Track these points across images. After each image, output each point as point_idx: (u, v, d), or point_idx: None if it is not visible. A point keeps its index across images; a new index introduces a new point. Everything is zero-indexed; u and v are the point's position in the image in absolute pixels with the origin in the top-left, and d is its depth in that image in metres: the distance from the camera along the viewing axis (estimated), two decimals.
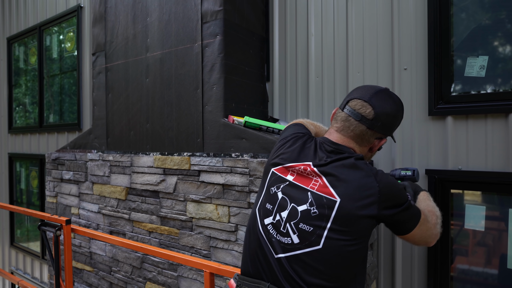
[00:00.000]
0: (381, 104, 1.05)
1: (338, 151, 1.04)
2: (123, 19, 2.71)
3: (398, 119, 1.11)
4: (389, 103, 1.06)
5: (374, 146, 1.11)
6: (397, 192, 1.00)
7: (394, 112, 1.07)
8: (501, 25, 1.85)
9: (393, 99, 1.09)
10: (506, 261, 1.84)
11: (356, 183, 0.97)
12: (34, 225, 5.08)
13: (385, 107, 1.05)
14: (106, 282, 2.78)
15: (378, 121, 1.05)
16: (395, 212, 0.99)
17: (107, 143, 2.85)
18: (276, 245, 0.99)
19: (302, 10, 2.50)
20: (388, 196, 0.97)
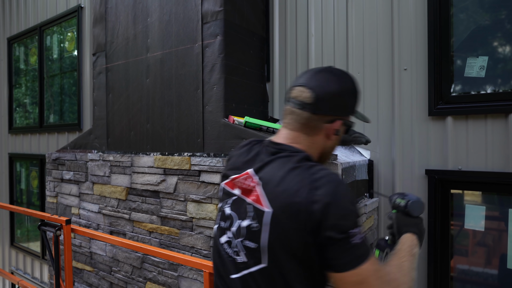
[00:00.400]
0: (321, 84, 0.91)
1: (281, 151, 0.92)
2: (123, 20, 2.71)
3: (347, 95, 0.94)
4: (330, 81, 0.92)
5: (328, 131, 0.93)
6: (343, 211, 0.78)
7: (339, 89, 0.92)
8: (500, 26, 1.85)
9: (336, 75, 0.94)
10: (506, 261, 1.84)
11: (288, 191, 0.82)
12: (34, 225, 5.08)
13: (326, 86, 0.91)
14: (107, 282, 2.78)
15: (321, 103, 0.90)
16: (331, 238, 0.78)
17: (108, 143, 2.85)
18: (231, 265, 0.92)
19: (302, 10, 2.50)
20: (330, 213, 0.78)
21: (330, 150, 0.99)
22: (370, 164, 2.19)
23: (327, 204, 0.77)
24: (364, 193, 2.12)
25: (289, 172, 0.84)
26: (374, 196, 2.16)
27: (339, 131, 0.94)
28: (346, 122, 0.95)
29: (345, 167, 1.77)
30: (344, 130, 0.97)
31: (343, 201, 0.78)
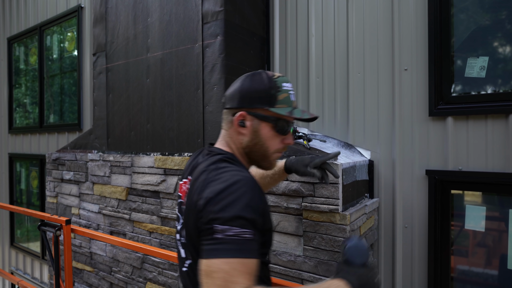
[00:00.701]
0: (232, 84, 1.01)
1: (210, 152, 0.98)
2: (123, 20, 2.71)
3: (248, 87, 0.95)
4: (238, 81, 0.99)
5: (235, 123, 0.96)
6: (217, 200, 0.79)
7: (241, 83, 0.97)
8: (501, 26, 1.85)
9: (247, 75, 0.99)
10: (506, 261, 1.84)
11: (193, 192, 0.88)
12: (34, 225, 5.08)
13: (234, 84, 0.99)
14: (107, 282, 2.78)
15: (227, 98, 0.99)
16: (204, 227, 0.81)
17: (108, 143, 2.85)
18: (180, 260, 1.01)
19: (303, 10, 2.50)
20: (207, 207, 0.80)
21: (251, 147, 0.96)
22: (371, 164, 2.19)
23: (207, 200, 0.80)
24: (364, 193, 2.12)
25: (201, 174, 0.90)
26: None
27: (243, 122, 0.94)
28: (256, 114, 0.94)
29: (345, 168, 1.77)
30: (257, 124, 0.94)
31: (222, 200, 0.78)
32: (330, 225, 1.70)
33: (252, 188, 0.83)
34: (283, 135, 0.98)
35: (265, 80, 0.95)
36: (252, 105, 0.94)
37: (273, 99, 0.94)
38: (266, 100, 0.94)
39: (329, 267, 1.70)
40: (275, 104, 0.94)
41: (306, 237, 1.77)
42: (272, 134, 0.96)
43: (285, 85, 0.97)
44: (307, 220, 1.77)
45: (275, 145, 0.98)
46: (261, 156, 0.99)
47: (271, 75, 0.97)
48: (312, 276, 1.75)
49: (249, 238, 0.76)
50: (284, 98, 0.95)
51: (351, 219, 1.70)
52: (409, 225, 2.08)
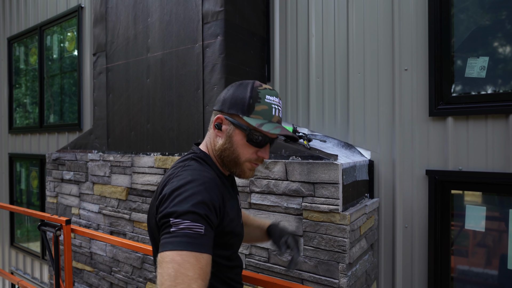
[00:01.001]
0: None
1: (190, 151, 1.04)
2: (124, 20, 2.71)
3: (231, 93, 0.98)
4: (229, 87, 1.02)
5: (212, 124, 1.01)
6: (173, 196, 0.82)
7: (226, 90, 1.01)
8: (501, 26, 1.85)
9: (235, 83, 1.01)
10: (506, 261, 1.84)
11: (161, 182, 0.94)
12: (34, 225, 5.08)
13: (224, 90, 1.03)
14: (107, 282, 2.78)
15: (215, 101, 1.04)
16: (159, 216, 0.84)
17: (108, 143, 2.85)
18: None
19: (303, 10, 2.50)
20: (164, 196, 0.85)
21: (223, 150, 0.98)
22: (371, 164, 2.19)
23: (164, 195, 0.84)
24: (364, 193, 2.12)
25: (169, 170, 0.97)
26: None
27: (220, 125, 0.97)
28: (231, 120, 0.95)
29: (346, 168, 1.77)
30: (231, 129, 0.96)
31: (177, 196, 0.82)
32: (330, 225, 1.70)
33: (209, 187, 0.85)
34: (256, 147, 0.97)
35: (249, 88, 0.96)
36: (229, 110, 0.96)
37: (249, 108, 0.94)
38: (242, 108, 0.94)
39: (329, 267, 1.70)
40: (250, 113, 0.94)
41: (306, 237, 1.77)
42: (244, 143, 0.96)
43: (269, 98, 0.96)
44: (307, 220, 1.76)
45: (247, 155, 0.97)
46: (232, 162, 0.98)
47: (258, 85, 0.97)
48: (312, 276, 1.75)
49: (200, 233, 0.78)
50: (262, 110, 0.94)
51: (351, 219, 1.70)
52: (409, 225, 2.08)
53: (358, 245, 1.83)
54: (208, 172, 0.92)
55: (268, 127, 0.93)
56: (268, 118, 0.95)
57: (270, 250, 1.89)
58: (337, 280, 1.68)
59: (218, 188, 0.89)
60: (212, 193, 0.85)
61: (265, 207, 1.91)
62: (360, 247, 1.86)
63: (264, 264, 1.91)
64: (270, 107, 0.95)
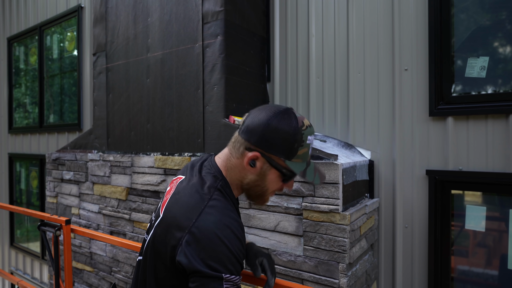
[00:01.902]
0: (258, 113, 0.91)
1: (210, 169, 0.96)
2: (124, 19, 2.71)
3: (273, 132, 0.88)
4: (265, 114, 0.90)
5: (245, 159, 0.92)
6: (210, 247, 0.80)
7: (266, 122, 0.88)
8: (501, 26, 1.85)
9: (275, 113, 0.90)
10: (506, 261, 1.84)
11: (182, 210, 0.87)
12: (34, 225, 5.08)
13: (259, 116, 0.90)
14: (107, 282, 2.77)
15: (247, 128, 0.91)
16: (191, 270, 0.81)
17: (108, 143, 2.85)
18: (141, 248, 1.07)
19: (303, 10, 2.50)
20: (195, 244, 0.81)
21: (252, 185, 0.95)
22: (371, 164, 2.19)
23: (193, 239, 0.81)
24: (364, 193, 2.12)
25: (190, 194, 0.89)
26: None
27: (254, 163, 0.91)
28: (269, 160, 0.90)
29: (346, 168, 1.77)
30: (267, 168, 0.92)
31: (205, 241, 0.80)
32: (330, 225, 1.70)
33: (240, 234, 0.85)
34: (285, 182, 0.97)
35: (293, 128, 0.89)
36: (270, 150, 0.89)
37: (293, 153, 0.89)
38: (286, 152, 0.89)
39: (329, 267, 1.70)
40: (293, 158, 0.90)
41: (306, 237, 1.77)
42: (277, 180, 0.95)
43: (309, 139, 0.92)
44: (307, 220, 1.76)
45: (275, 188, 0.97)
46: (258, 195, 0.97)
47: (301, 123, 0.90)
48: (312, 276, 1.75)
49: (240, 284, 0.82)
50: (303, 153, 0.91)
51: (351, 219, 1.70)
52: (409, 225, 2.08)
53: (358, 245, 1.83)
54: (234, 213, 0.89)
55: (310, 174, 0.95)
56: (306, 160, 0.93)
57: (270, 250, 1.89)
58: (337, 280, 1.68)
59: (243, 230, 0.89)
60: (243, 241, 0.86)
61: (265, 207, 1.91)
62: (360, 247, 1.85)
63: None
64: (309, 148, 0.92)
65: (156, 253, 0.90)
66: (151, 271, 0.92)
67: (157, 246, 0.90)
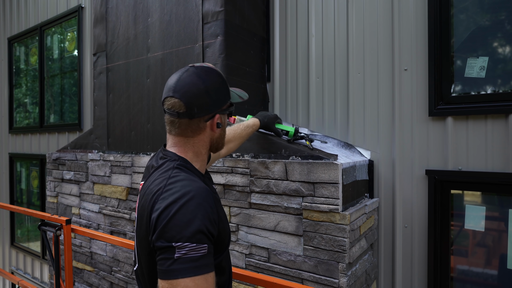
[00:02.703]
0: (188, 89, 0.92)
1: (165, 157, 0.96)
2: (124, 20, 2.71)
3: (215, 91, 0.93)
4: (195, 84, 0.92)
5: (212, 127, 0.97)
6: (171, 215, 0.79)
7: (204, 89, 0.92)
8: (501, 26, 1.86)
9: (198, 75, 0.93)
10: (506, 261, 1.84)
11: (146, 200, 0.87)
12: (35, 225, 5.09)
13: (192, 91, 0.92)
14: (107, 282, 2.78)
15: (193, 109, 0.92)
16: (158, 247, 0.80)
17: (108, 143, 2.85)
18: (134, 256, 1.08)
19: (303, 10, 2.50)
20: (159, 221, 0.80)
21: (220, 139, 1.04)
22: (371, 164, 2.19)
23: (159, 214, 0.80)
24: (364, 193, 2.12)
25: (153, 181, 0.90)
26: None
27: (220, 124, 0.99)
28: (224, 110, 1.00)
29: (345, 167, 1.77)
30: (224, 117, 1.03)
31: (175, 215, 0.79)
32: (330, 225, 1.70)
33: (206, 199, 0.83)
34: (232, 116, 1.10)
35: (219, 74, 0.99)
36: (223, 104, 0.99)
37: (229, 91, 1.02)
38: (228, 95, 1.00)
39: (329, 266, 1.70)
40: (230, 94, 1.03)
41: (306, 237, 1.77)
42: (225, 120, 1.05)
43: None
44: (307, 219, 1.77)
45: (225, 127, 1.07)
46: (222, 143, 1.05)
47: (213, 69, 0.98)
48: (312, 276, 1.75)
49: (204, 253, 0.78)
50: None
51: (351, 219, 1.71)
52: (409, 225, 2.08)
53: (358, 244, 1.83)
54: (197, 182, 0.87)
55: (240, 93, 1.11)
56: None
57: (270, 250, 1.89)
58: (337, 280, 1.68)
59: (212, 195, 0.87)
60: (210, 204, 0.83)
61: (265, 206, 1.91)
62: (360, 247, 1.86)
63: (264, 264, 1.92)
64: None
65: (145, 253, 0.89)
66: (148, 274, 0.92)
67: (143, 243, 0.89)
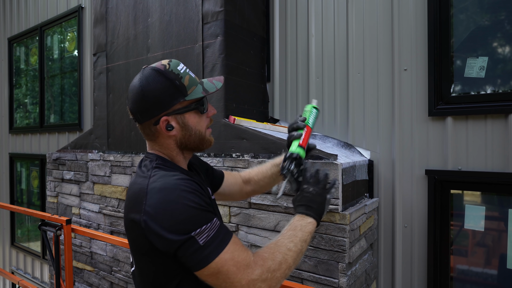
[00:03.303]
0: (130, 96, 0.94)
1: (146, 158, 0.97)
2: (124, 20, 2.72)
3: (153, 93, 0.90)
4: (132, 89, 0.93)
5: (162, 131, 0.93)
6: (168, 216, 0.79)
7: (139, 91, 0.90)
8: (500, 26, 1.86)
9: (137, 79, 0.93)
10: (505, 261, 1.84)
11: (131, 200, 0.87)
12: (35, 225, 5.09)
13: (132, 96, 0.92)
14: (107, 282, 2.78)
15: (136, 114, 0.93)
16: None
17: (108, 143, 2.86)
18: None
19: (303, 10, 2.51)
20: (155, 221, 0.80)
21: (189, 139, 0.95)
22: (370, 164, 2.19)
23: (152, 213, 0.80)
24: (364, 193, 2.12)
25: (134, 184, 0.90)
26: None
27: (170, 125, 0.92)
28: (176, 112, 0.92)
29: (345, 167, 1.78)
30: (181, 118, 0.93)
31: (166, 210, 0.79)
32: (330, 225, 1.71)
33: (189, 185, 0.83)
34: (206, 112, 0.98)
35: (160, 74, 0.90)
36: (168, 105, 0.90)
37: (182, 88, 0.91)
38: (178, 94, 0.91)
39: (329, 266, 1.71)
40: (187, 91, 0.92)
41: None
42: (198, 118, 0.95)
43: (180, 68, 0.93)
44: None
45: (204, 125, 0.98)
46: (198, 142, 0.97)
47: (162, 67, 0.92)
48: (312, 276, 1.75)
49: (219, 225, 0.82)
50: (189, 80, 0.93)
51: (351, 219, 1.71)
52: (409, 225, 2.08)
53: (358, 244, 1.83)
54: (178, 175, 0.87)
55: (209, 86, 0.95)
56: (196, 82, 0.94)
57: None
58: (336, 280, 1.68)
59: (196, 183, 0.87)
60: (195, 188, 0.84)
61: (265, 206, 1.92)
62: (360, 247, 1.86)
63: None
64: (189, 74, 0.94)
65: (139, 254, 0.89)
66: (144, 275, 0.91)
67: (135, 244, 0.89)
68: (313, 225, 0.95)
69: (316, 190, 1.00)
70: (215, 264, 0.78)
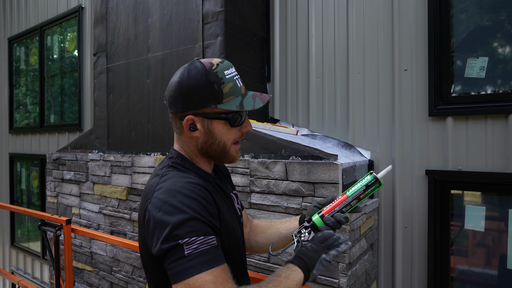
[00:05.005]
0: (170, 83, 0.90)
1: (169, 154, 0.95)
2: (124, 20, 2.72)
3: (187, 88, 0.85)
4: (174, 79, 0.88)
5: (185, 128, 0.88)
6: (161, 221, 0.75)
7: (176, 81, 0.86)
8: (500, 26, 1.86)
9: (182, 68, 0.89)
10: (505, 261, 1.84)
11: (141, 201, 0.87)
12: (35, 225, 5.09)
13: (170, 81, 0.90)
14: (107, 282, 2.78)
15: (169, 102, 0.89)
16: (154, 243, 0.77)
17: (108, 143, 2.85)
18: None
19: (303, 11, 2.51)
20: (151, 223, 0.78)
21: (207, 147, 0.90)
22: (370, 164, 2.19)
23: (152, 214, 0.78)
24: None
25: (148, 182, 0.89)
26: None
27: (194, 126, 0.87)
28: (204, 115, 0.86)
29: (345, 167, 1.77)
30: (208, 123, 0.87)
31: (168, 212, 0.75)
32: None
33: (196, 192, 0.79)
34: (239, 126, 0.90)
35: (202, 74, 0.84)
36: (198, 106, 0.85)
37: (219, 95, 0.84)
38: (212, 98, 0.84)
39: (329, 266, 1.71)
40: (222, 99, 0.85)
41: None
42: (227, 129, 0.88)
43: (228, 73, 0.86)
44: None
45: (232, 138, 0.90)
46: (220, 153, 0.91)
47: (208, 64, 0.86)
48: None
49: (215, 245, 0.75)
50: (230, 89, 0.86)
51: (351, 219, 1.71)
52: (409, 225, 2.08)
53: (358, 245, 1.83)
54: (189, 178, 0.83)
55: (248, 103, 0.87)
56: (239, 92, 0.88)
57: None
58: (337, 280, 1.68)
59: (207, 190, 0.83)
60: (204, 196, 0.80)
61: (265, 207, 1.91)
62: (360, 247, 1.86)
63: (264, 264, 1.92)
64: (234, 81, 0.87)
65: (145, 257, 0.88)
66: (150, 277, 0.90)
67: (142, 243, 0.87)
68: (299, 274, 0.86)
69: (314, 246, 0.92)
70: (193, 281, 0.70)
